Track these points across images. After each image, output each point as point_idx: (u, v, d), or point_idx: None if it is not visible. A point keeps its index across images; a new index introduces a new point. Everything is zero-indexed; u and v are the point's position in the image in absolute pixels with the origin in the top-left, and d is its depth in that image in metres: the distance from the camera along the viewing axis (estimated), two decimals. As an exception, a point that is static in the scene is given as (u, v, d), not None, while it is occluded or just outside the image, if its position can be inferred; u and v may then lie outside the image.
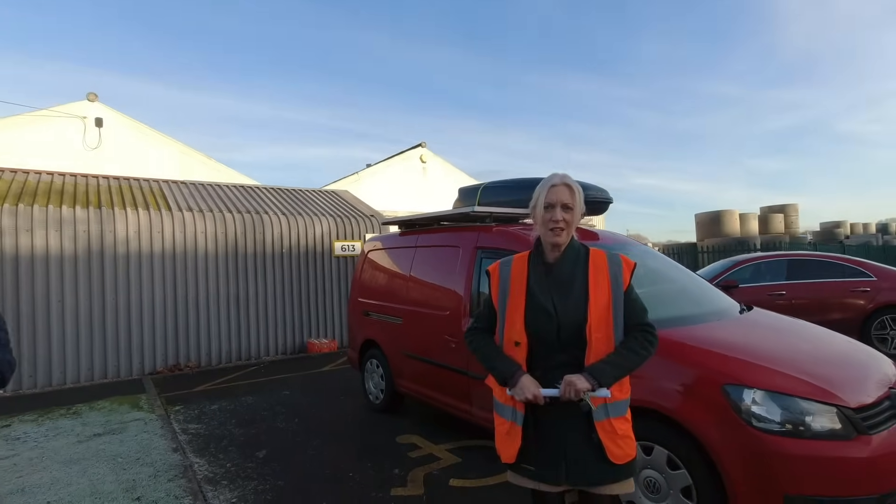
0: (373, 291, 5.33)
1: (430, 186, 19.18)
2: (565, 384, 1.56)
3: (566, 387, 1.55)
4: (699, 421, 2.44)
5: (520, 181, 4.64)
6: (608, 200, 4.49)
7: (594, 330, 1.61)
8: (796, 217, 30.38)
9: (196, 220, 8.11)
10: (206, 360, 7.99)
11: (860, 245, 20.76)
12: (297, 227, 9.10)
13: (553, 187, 1.68)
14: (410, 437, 4.42)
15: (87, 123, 13.14)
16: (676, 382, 2.57)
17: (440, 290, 4.29)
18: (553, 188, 1.68)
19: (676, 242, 27.33)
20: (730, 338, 2.90)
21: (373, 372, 5.29)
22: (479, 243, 3.98)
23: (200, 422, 5.11)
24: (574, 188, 1.69)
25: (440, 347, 4.11)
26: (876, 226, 39.83)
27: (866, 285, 7.04)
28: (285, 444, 4.41)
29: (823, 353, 2.88)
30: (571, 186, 1.69)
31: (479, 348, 1.80)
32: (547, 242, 1.72)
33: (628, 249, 3.87)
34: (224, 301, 8.22)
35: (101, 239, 7.29)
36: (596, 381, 1.55)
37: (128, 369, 7.34)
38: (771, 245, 17.48)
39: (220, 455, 4.18)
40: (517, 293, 1.71)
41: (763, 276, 7.88)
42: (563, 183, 1.69)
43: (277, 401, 5.81)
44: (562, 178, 1.70)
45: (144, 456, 4.14)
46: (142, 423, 5.03)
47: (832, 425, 2.27)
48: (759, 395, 2.36)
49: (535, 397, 1.58)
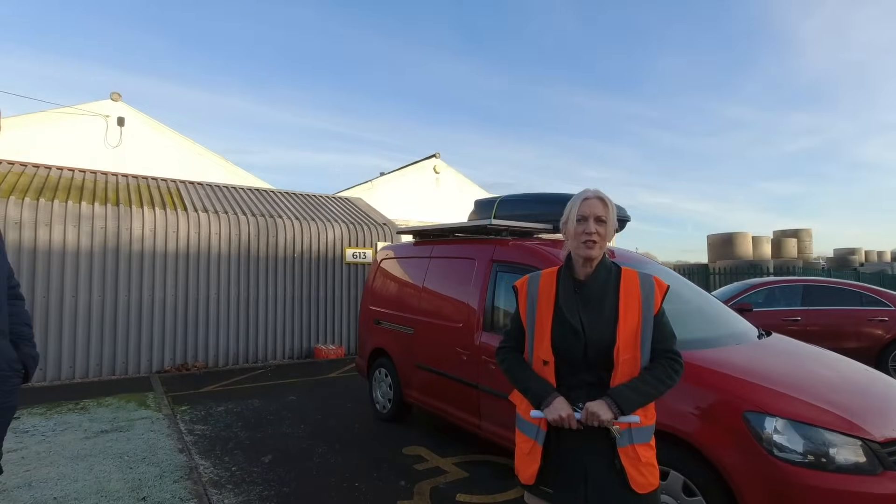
0: (384, 300, 5.32)
1: (443, 197, 19.23)
2: (588, 413, 1.51)
3: (588, 416, 1.51)
4: (718, 447, 2.38)
5: (537, 196, 4.63)
6: (626, 219, 4.47)
7: (622, 352, 1.57)
8: (810, 242, 30.02)
9: (211, 221, 8.18)
10: (213, 361, 8.01)
11: (875, 273, 20.44)
12: (310, 232, 9.15)
13: (586, 200, 1.66)
14: (417, 449, 4.37)
15: (109, 122, 13.38)
16: (695, 406, 2.52)
17: (453, 301, 4.27)
18: (586, 201, 1.66)
19: (686, 262, 27.09)
20: (750, 363, 2.84)
21: (381, 381, 5.26)
22: (495, 256, 3.97)
23: (206, 423, 5.10)
24: (608, 202, 1.66)
25: (451, 359, 4.08)
26: (891, 254, 39.19)
27: (884, 315, 6.91)
28: (291, 449, 4.38)
29: (847, 383, 2.81)
30: (605, 200, 1.66)
31: (510, 368, 1.75)
32: (579, 256, 1.67)
33: (646, 269, 3.83)
34: (234, 303, 8.26)
35: (118, 236, 7.37)
36: (619, 408, 1.51)
37: (136, 367, 7.37)
38: (784, 269, 17.27)
39: (225, 458, 4.17)
40: (545, 310, 1.68)
41: (777, 300, 7.77)
42: (597, 196, 1.66)
43: (284, 405, 5.79)
44: (595, 193, 1.67)
45: (151, 455, 4.13)
46: (148, 422, 5.03)
47: (857, 459, 2.21)
48: (780, 423, 2.30)
49: (567, 418, 1.53)
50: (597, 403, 1.52)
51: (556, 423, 1.56)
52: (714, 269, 18.58)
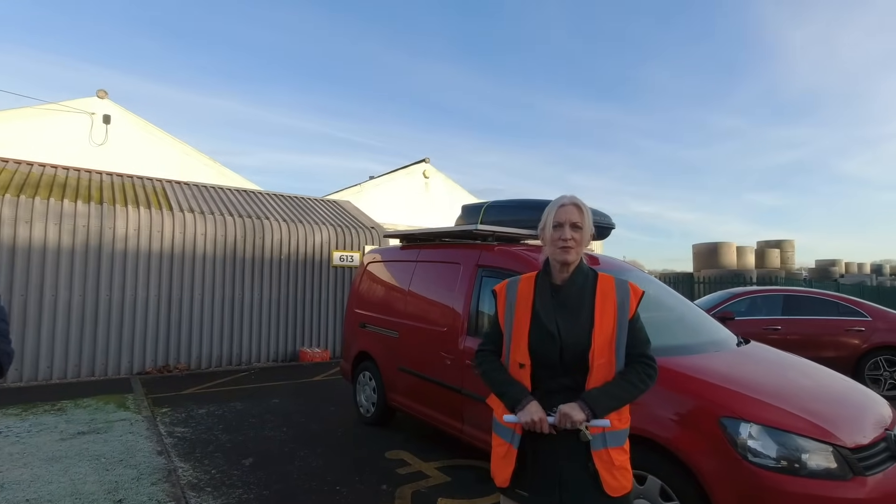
0: (370, 303, 5.31)
1: (432, 202, 19.26)
2: (560, 414, 1.54)
3: (562, 417, 1.54)
4: (695, 452, 2.42)
5: (523, 202, 4.67)
6: (610, 226, 4.52)
7: (597, 356, 1.60)
8: (792, 253, 30.56)
9: (196, 221, 8.11)
10: (196, 363, 7.91)
11: (854, 284, 20.86)
12: (297, 235, 9.10)
13: (562, 207, 1.70)
14: (400, 453, 4.36)
15: (94, 120, 13.21)
16: (673, 412, 2.56)
17: (439, 306, 4.28)
18: (562, 208, 1.70)
19: (672, 271, 27.41)
20: (728, 370, 2.89)
21: (365, 384, 5.24)
22: (480, 261, 3.99)
23: (187, 425, 5.04)
24: (583, 208, 1.70)
25: (435, 363, 4.09)
26: (871, 266, 40.04)
27: (862, 325, 7.06)
28: (273, 452, 4.34)
29: (821, 391, 2.87)
30: (580, 206, 1.70)
31: (487, 372, 1.77)
32: (556, 261, 1.71)
33: (629, 276, 3.87)
34: (219, 304, 8.18)
35: (101, 234, 7.27)
36: (591, 410, 1.54)
37: (116, 368, 7.26)
38: (767, 279, 17.55)
39: (205, 461, 4.12)
40: (523, 314, 1.71)
41: (759, 309, 7.89)
42: (573, 203, 1.70)
43: (266, 408, 5.74)
44: (571, 199, 1.72)
45: (128, 457, 4.07)
46: (127, 424, 4.95)
47: (828, 464, 2.26)
48: (755, 429, 2.34)
49: (539, 421, 1.56)
50: (570, 405, 1.55)
51: (529, 426, 1.58)
52: (699, 278, 18.83)
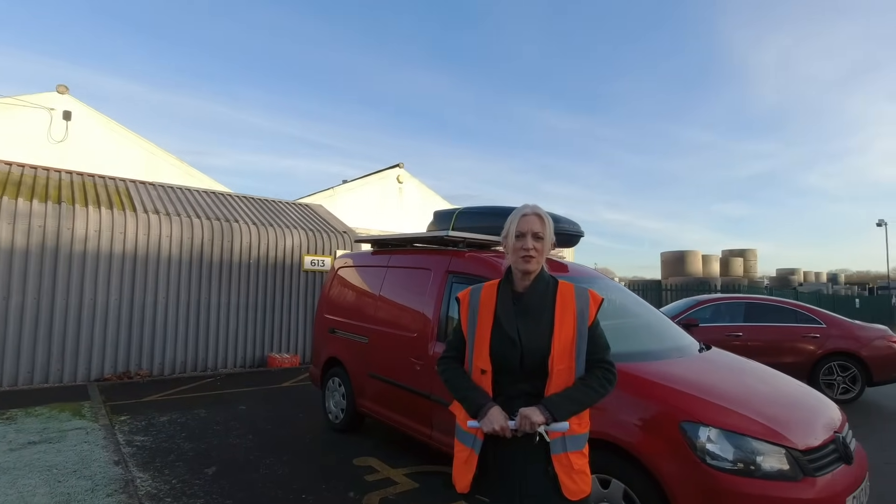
0: (340, 308, 5.25)
1: (406, 207, 19.23)
2: (521, 417, 1.56)
3: (522, 419, 1.56)
4: (656, 456, 2.47)
5: (495, 209, 4.71)
6: (579, 234, 4.60)
7: (556, 362, 1.63)
8: (755, 262, 31.70)
9: (162, 223, 7.88)
10: (158, 369, 7.66)
11: (812, 292, 21.77)
12: (268, 238, 8.94)
13: (524, 217, 1.73)
14: (368, 460, 4.31)
15: (54, 115, 12.71)
16: (636, 417, 2.61)
17: (409, 311, 4.26)
18: (524, 217, 1.73)
19: (642, 279, 28.07)
20: (689, 375, 2.97)
21: (334, 390, 5.17)
22: (450, 268, 4.00)
23: (147, 434, 4.87)
24: (544, 218, 1.74)
25: (405, 369, 4.07)
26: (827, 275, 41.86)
27: (817, 332, 7.36)
28: (237, 460, 4.23)
29: (777, 396, 2.98)
30: (542, 216, 1.74)
31: (449, 378, 1.79)
32: (518, 270, 1.75)
33: (596, 283, 3.95)
34: (184, 309, 7.95)
35: (58, 235, 6.98)
36: (550, 414, 1.57)
37: (72, 374, 6.96)
38: (730, 287, 18.15)
39: (165, 470, 3.98)
40: (485, 321, 1.73)
41: (722, 316, 8.14)
42: (534, 213, 1.74)
43: (232, 415, 5.59)
44: (532, 209, 1.75)
45: (82, 468, 3.90)
46: (82, 433, 4.75)
47: (781, 466, 2.35)
48: (713, 433, 2.42)
49: (501, 430, 1.57)
50: (530, 409, 1.58)
51: (492, 432, 1.59)
52: (666, 285, 19.32)
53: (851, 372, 7.03)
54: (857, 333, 7.24)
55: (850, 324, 7.46)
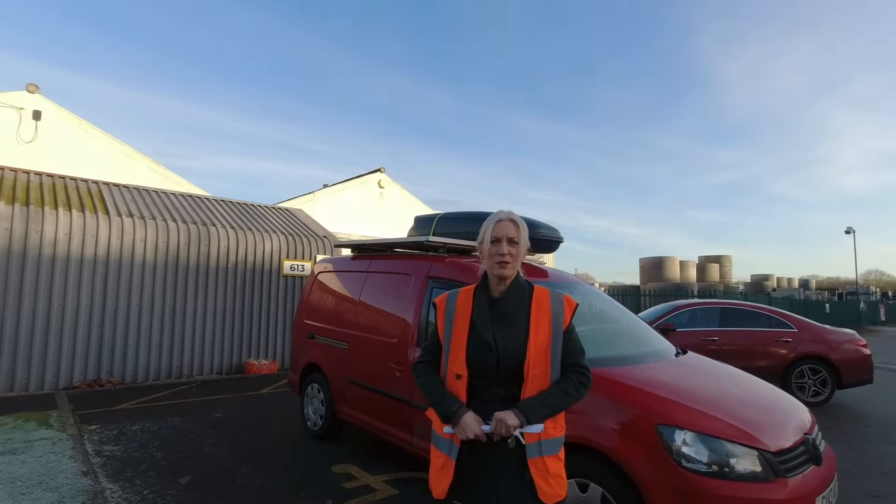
0: (320, 314, 5.19)
1: (387, 212, 19.16)
2: (496, 421, 1.57)
3: (497, 423, 1.57)
4: (633, 459, 2.50)
5: (475, 214, 4.72)
6: (559, 240, 4.64)
7: (532, 366, 1.64)
8: (730, 268, 32.43)
9: (136, 226, 7.69)
10: (131, 377, 7.45)
11: (785, 298, 22.35)
12: (246, 243, 8.81)
13: (499, 222, 1.74)
14: (347, 467, 4.26)
15: (23, 115, 12.33)
16: (614, 421, 2.63)
17: (389, 316, 4.24)
18: (499, 223, 1.73)
19: (621, 284, 28.46)
20: (665, 379, 3.01)
21: (313, 397, 5.10)
22: (431, 273, 3.99)
23: (118, 443, 4.72)
24: (519, 223, 1.75)
25: (385, 375, 4.04)
26: (799, 281, 43.05)
27: (789, 336, 7.55)
28: (212, 470, 4.14)
29: (750, 399, 3.04)
30: (517, 222, 1.75)
31: (424, 383, 1.79)
32: (493, 276, 1.75)
33: (575, 289, 3.99)
34: (158, 314, 7.76)
35: (26, 238, 6.76)
36: (525, 417, 1.58)
37: (39, 382, 6.72)
38: (707, 292, 18.51)
39: (136, 480, 3.86)
40: (461, 326, 1.73)
41: (699, 321, 8.30)
42: (509, 218, 1.75)
43: (208, 423, 5.47)
44: (507, 214, 1.76)
45: (49, 479, 3.76)
46: (49, 443, 4.59)
47: (753, 468, 2.39)
48: (689, 436, 2.45)
49: (477, 437, 1.58)
50: (505, 412, 1.58)
51: (467, 438, 1.60)
52: (645, 290, 19.62)
53: (822, 375, 7.23)
54: (826, 337, 7.45)
55: (821, 328, 7.68)
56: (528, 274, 1.87)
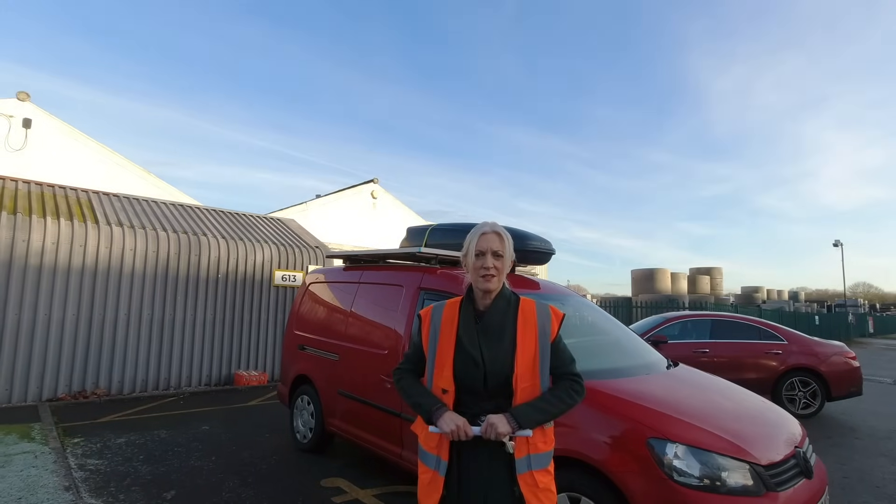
0: (311, 325, 5.15)
1: (379, 223, 19.15)
2: (487, 424, 1.55)
3: (488, 427, 1.55)
4: (624, 473, 2.48)
5: (468, 225, 4.72)
6: (551, 252, 4.65)
7: (520, 380, 1.62)
8: (721, 279, 32.65)
9: (126, 235, 7.61)
10: (117, 388, 7.32)
11: (775, 310, 22.50)
12: (237, 253, 8.74)
13: (483, 235, 1.71)
14: (336, 481, 4.19)
15: (13, 123, 12.24)
16: (605, 434, 2.62)
17: (380, 328, 4.21)
18: (483, 236, 1.71)
19: (613, 296, 28.54)
20: (657, 392, 3.01)
21: (303, 409, 5.03)
22: (422, 284, 3.98)
23: (102, 457, 4.62)
24: (504, 236, 1.72)
25: (376, 387, 4.00)
26: (788, 293, 43.42)
27: (779, 348, 7.59)
28: (198, 484, 4.06)
29: (741, 412, 3.04)
30: (501, 234, 1.72)
31: (403, 387, 1.77)
32: (478, 289, 1.73)
33: (567, 301, 3.99)
34: (146, 325, 7.65)
35: (12, 247, 6.66)
36: (517, 423, 1.56)
37: (22, 394, 6.58)
38: (698, 304, 18.61)
39: (120, 495, 3.78)
40: (446, 341, 1.71)
41: (690, 333, 8.33)
42: (494, 231, 1.72)
43: (195, 436, 5.38)
44: (492, 227, 1.74)
45: (28, 495, 3.66)
46: (30, 457, 4.48)
47: (745, 481, 2.38)
48: (680, 449, 2.44)
49: (462, 426, 1.55)
50: (497, 416, 1.57)
51: (453, 434, 1.57)
52: (636, 302, 19.68)
53: (812, 387, 7.26)
54: (816, 350, 7.50)
55: (810, 340, 7.73)
56: (520, 286, 1.86)
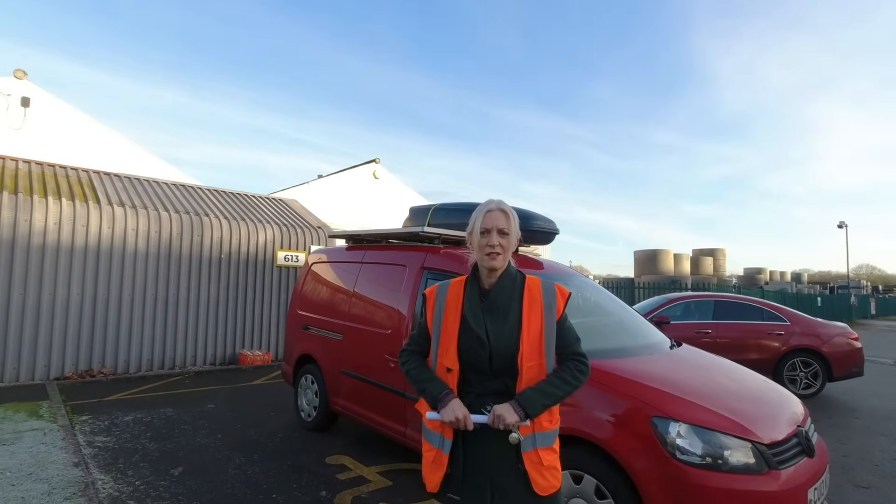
0: (314, 305, 5.16)
1: (381, 203, 19.06)
2: (494, 416, 1.54)
3: (495, 418, 1.54)
4: (627, 451, 2.50)
5: (471, 205, 4.68)
6: (555, 231, 4.61)
7: (526, 359, 1.61)
8: (724, 261, 32.60)
9: (128, 215, 7.60)
10: (123, 367, 7.40)
11: (777, 291, 22.51)
12: (240, 233, 8.73)
13: (489, 213, 1.69)
14: (341, 458, 4.25)
15: (11, 101, 12.11)
16: (608, 413, 2.63)
17: (383, 308, 4.21)
18: (489, 213, 1.68)
19: (616, 277, 28.56)
20: (660, 372, 3.01)
21: (307, 388, 5.08)
22: (425, 264, 3.96)
23: (110, 434, 4.69)
24: (509, 213, 1.70)
25: (379, 366, 4.02)
26: (791, 274, 43.40)
27: (781, 329, 7.60)
28: (205, 461, 4.12)
29: (743, 391, 3.04)
30: (507, 212, 1.69)
31: (410, 370, 1.76)
32: (483, 267, 1.71)
33: (571, 280, 3.97)
34: (151, 304, 7.69)
35: (14, 227, 6.66)
36: (524, 411, 1.55)
37: (30, 373, 6.66)
38: (701, 285, 18.62)
39: (128, 471, 3.84)
40: (451, 319, 1.69)
41: (692, 314, 8.34)
42: (499, 209, 1.69)
43: (200, 414, 5.44)
44: (497, 204, 1.71)
45: (39, 471, 3.73)
46: (40, 434, 4.55)
47: (747, 460, 2.40)
48: (683, 428, 2.45)
49: (463, 418, 1.55)
50: (503, 407, 1.55)
51: (453, 424, 1.57)
52: (639, 283, 19.69)
53: (813, 368, 7.29)
54: (818, 331, 7.50)
55: (813, 321, 7.73)
56: (524, 265, 1.84)
